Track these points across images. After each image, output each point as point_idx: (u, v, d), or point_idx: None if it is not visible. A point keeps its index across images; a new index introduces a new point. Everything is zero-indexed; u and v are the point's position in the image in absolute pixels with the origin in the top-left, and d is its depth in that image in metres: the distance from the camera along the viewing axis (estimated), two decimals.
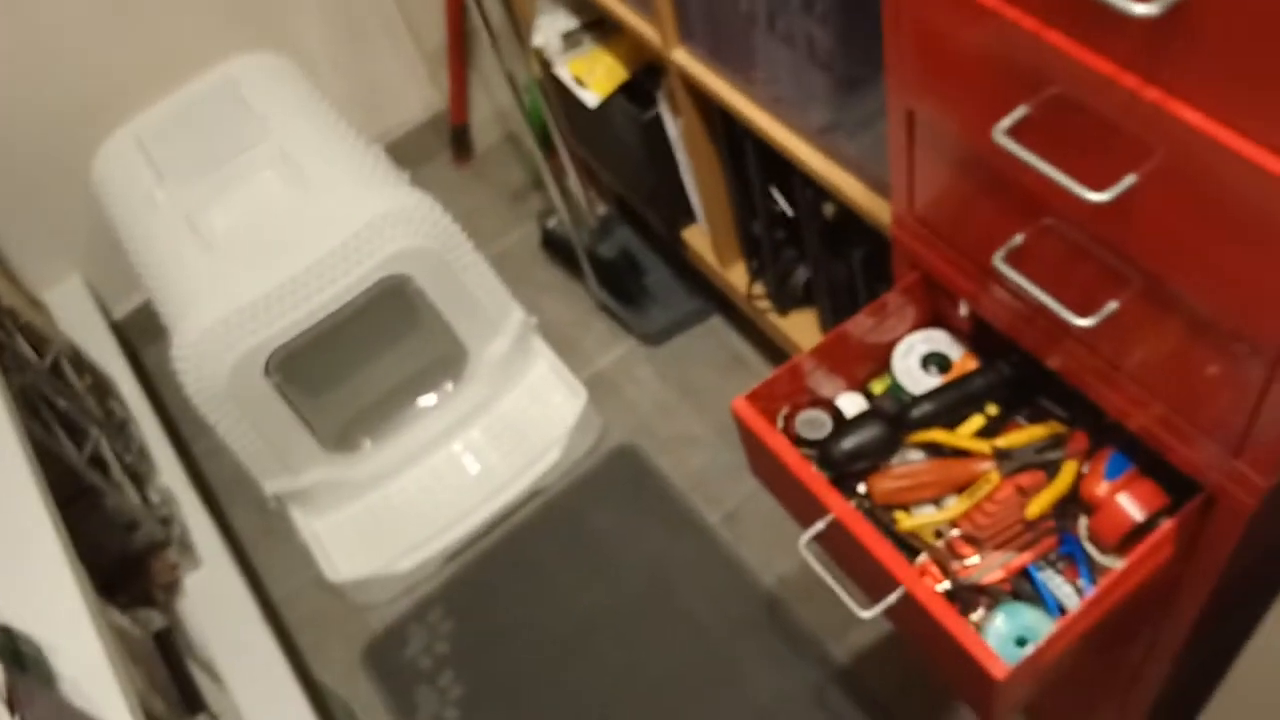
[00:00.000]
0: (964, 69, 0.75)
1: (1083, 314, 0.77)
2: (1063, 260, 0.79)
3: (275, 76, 1.84)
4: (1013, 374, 1.00)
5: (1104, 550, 0.91)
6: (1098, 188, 0.68)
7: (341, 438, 1.75)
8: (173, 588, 1.58)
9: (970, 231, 0.88)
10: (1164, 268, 0.70)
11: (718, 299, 1.92)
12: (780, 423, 1.04)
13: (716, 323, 1.94)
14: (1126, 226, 0.70)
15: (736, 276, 1.74)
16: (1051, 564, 0.94)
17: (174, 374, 1.52)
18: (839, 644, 1.54)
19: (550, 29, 1.71)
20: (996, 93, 0.73)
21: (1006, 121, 0.72)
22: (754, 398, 1.00)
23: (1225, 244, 0.64)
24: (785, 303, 1.68)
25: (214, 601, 1.59)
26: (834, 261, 1.48)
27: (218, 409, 1.53)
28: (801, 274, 1.61)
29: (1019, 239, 0.82)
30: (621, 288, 1.93)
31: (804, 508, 0.96)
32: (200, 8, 1.86)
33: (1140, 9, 0.56)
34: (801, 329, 1.65)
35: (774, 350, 1.81)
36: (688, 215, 1.78)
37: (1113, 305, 0.77)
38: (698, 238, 1.78)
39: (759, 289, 1.71)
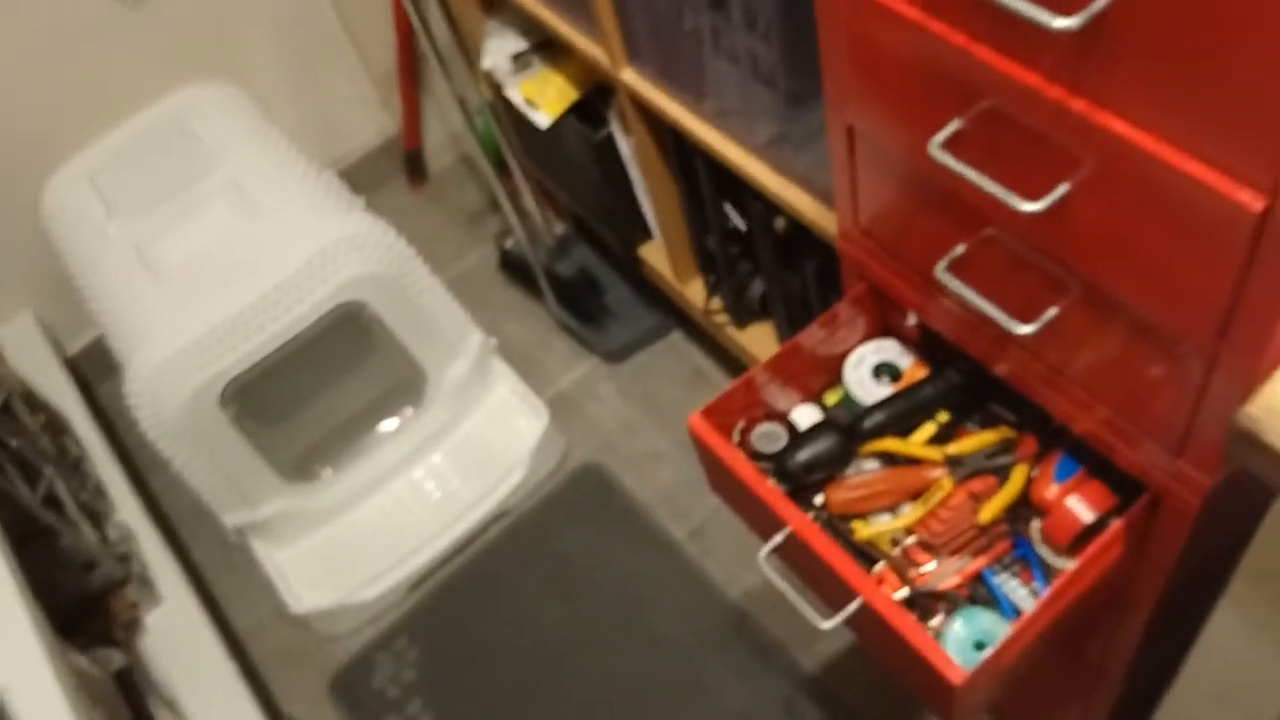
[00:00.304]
0: (898, 85, 0.76)
1: (1024, 321, 0.78)
2: (1004, 269, 0.81)
3: (225, 106, 1.83)
4: (961, 381, 1.01)
5: (1056, 552, 0.92)
6: (1032, 197, 0.69)
7: (301, 467, 1.73)
8: (133, 626, 1.56)
9: (913, 243, 0.90)
10: (1100, 273, 0.72)
11: (677, 314, 1.92)
12: (737, 437, 1.04)
13: (677, 338, 1.95)
14: (1063, 234, 0.72)
15: (694, 291, 1.75)
16: (1006, 568, 0.95)
17: (128, 409, 1.50)
18: (807, 653, 1.55)
19: (499, 51, 1.72)
20: (931, 107, 0.74)
21: (941, 135, 0.73)
22: (710, 413, 1.00)
23: (1157, 248, 0.66)
24: (743, 316, 1.69)
25: (176, 638, 1.57)
26: (788, 274, 1.49)
27: (173, 443, 1.52)
28: (757, 287, 1.63)
29: (960, 249, 0.83)
30: (581, 306, 1.94)
31: (762, 521, 0.96)
32: (148, 39, 1.85)
33: (1060, 23, 0.57)
34: (760, 341, 1.66)
35: (734, 364, 1.82)
36: (644, 232, 1.79)
37: (1053, 312, 0.78)
38: (654, 254, 1.79)
39: (716, 303, 1.72)
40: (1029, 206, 0.68)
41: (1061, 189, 0.68)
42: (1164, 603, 0.93)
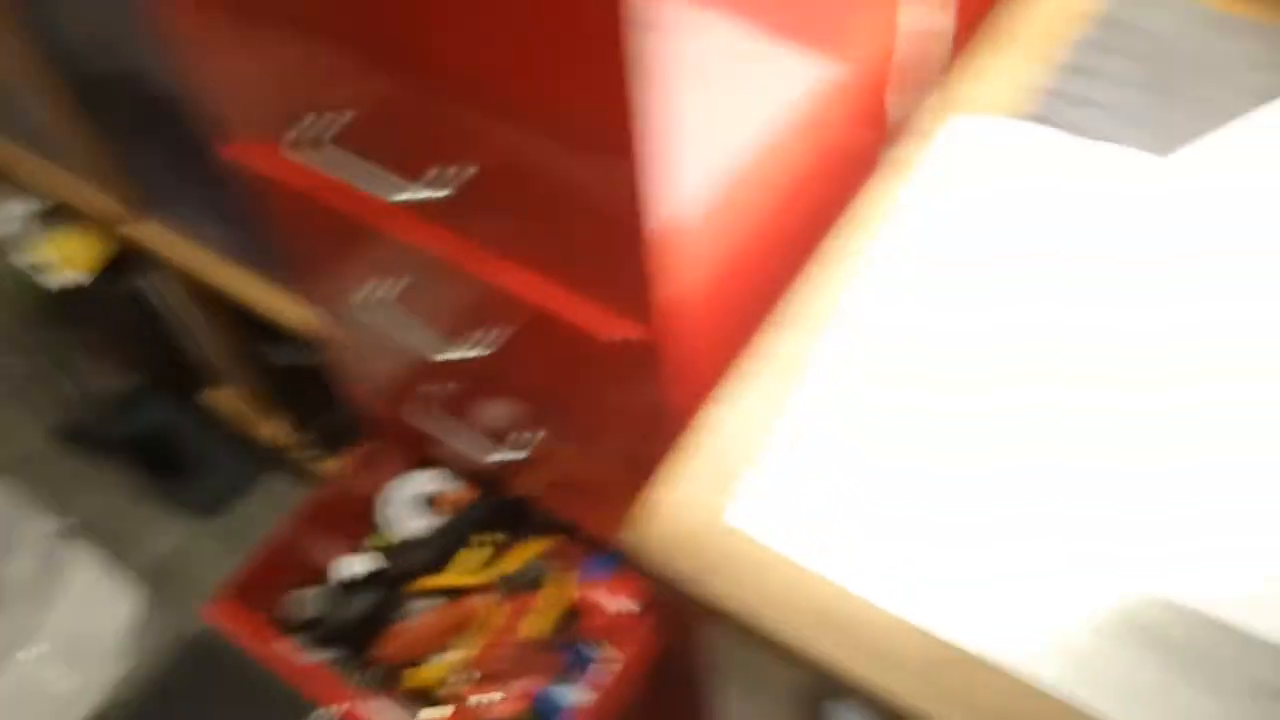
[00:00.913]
0: (324, 247, 0.76)
1: (494, 450, 0.80)
2: (473, 406, 0.82)
3: None
4: (501, 499, 1.02)
5: (606, 649, 0.94)
6: (483, 342, 0.70)
7: None
8: None
9: (395, 386, 0.89)
10: (545, 404, 0.74)
11: (269, 454, 1.83)
12: (280, 609, 0.99)
13: (275, 478, 1.85)
14: (507, 374, 0.74)
15: (277, 429, 1.67)
16: (571, 675, 0.96)
17: None
18: None
19: (14, 214, 1.58)
20: (358, 267, 0.74)
21: (364, 293, 0.73)
22: (240, 591, 0.95)
23: (577, 379, 0.69)
24: (333, 445, 1.63)
25: None
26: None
27: None
28: (339, 414, 1.58)
29: (432, 390, 0.84)
30: (162, 463, 1.80)
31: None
32: None
33: (401, 196, 0.58)
34: None
35: None
36: (209, 378, 1.69)
37: (521, 440, 0.80)
38: (228, 399, 1.69)
39: (304, 437, 1.65)
40: (442, 355, 0.69)
41: (505, 330, 0.70)
42: None
